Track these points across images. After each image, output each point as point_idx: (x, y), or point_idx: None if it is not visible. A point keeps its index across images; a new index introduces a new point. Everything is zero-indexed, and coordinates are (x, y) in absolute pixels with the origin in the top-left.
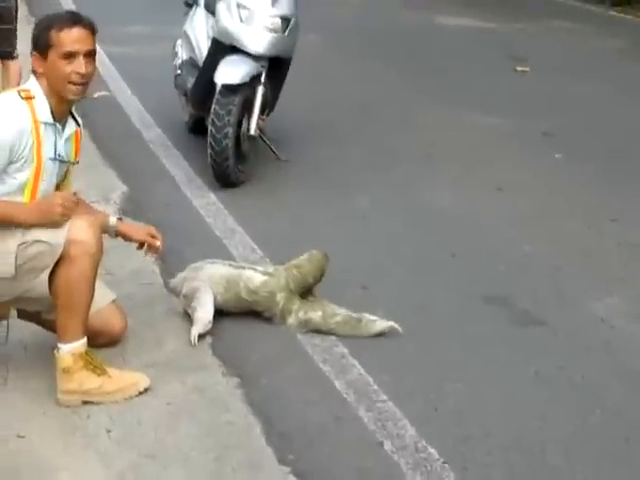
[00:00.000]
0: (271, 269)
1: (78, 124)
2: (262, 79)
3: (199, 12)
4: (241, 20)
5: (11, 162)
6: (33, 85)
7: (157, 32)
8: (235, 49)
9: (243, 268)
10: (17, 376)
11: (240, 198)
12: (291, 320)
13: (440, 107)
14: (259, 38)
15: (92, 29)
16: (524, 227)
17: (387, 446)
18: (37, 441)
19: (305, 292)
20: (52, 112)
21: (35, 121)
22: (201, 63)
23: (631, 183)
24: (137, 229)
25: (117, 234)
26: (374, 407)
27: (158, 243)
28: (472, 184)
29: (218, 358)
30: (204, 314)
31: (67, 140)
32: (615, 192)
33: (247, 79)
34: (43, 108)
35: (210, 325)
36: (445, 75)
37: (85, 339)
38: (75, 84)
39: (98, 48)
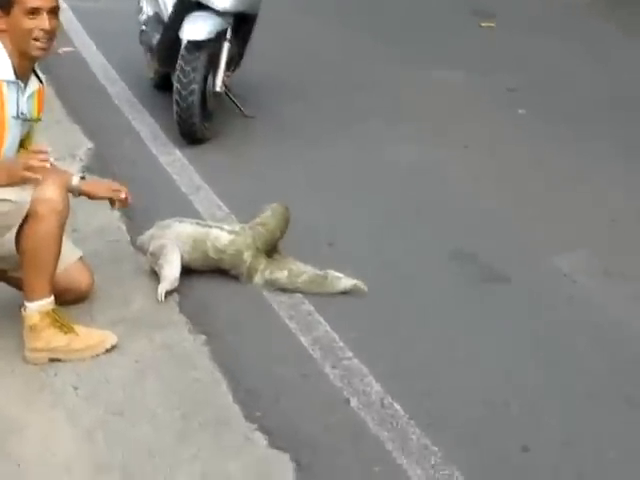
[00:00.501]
0: (237, 227)
1: (41, 81)
2: (228, 35)
3: None
4: None
5: None
6: None
7: None
8: (200, 5)
9: (210, 227)
10: None
11: (206, 155)
12: (257, 279)
13: (406, 64)
14: None
15: None
16: (489, 184)
17: (353, 403)
18: (4, 399)
19: (271, 250)
20: (14, 70)
21: None
22: (166, 19)
23: (594, 140)
24: (100, 186)
25: (80, 193)
26: (340, 364)
27: (123, 195)
28: (438, 141)
29: (185, 315)
30: (171, 271)
31: (29, 97)
32: (575, 147)
33: (212, 35)
34: (5, 66)
35: (177, 283)
36: (411, 32)
37: (52, 297)
38: (39, 40)
39: (62, 2)
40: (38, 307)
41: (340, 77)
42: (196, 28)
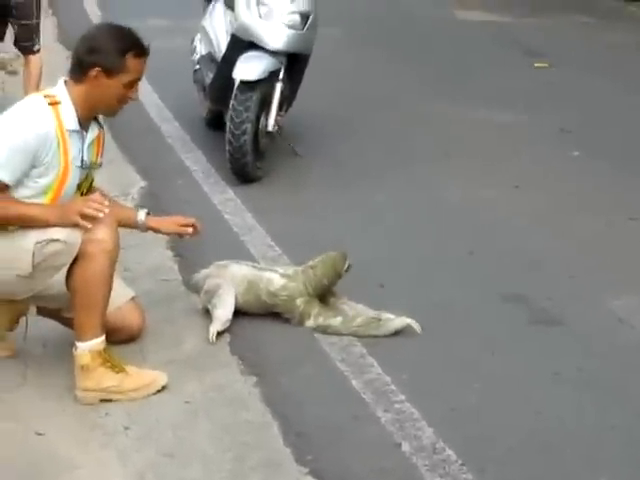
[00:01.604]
0: (290, 271)
1: (101, 126)
2: (280, 75)
3: (218, 7)
4: (260, 16)
5: (34, 167)
6: (60, 91)
7: (176, 26)
8: (254, 45)
9: (265, 270)
10: (36, 373)
11: (258, 194)
12: (309, 323)
13: (457, 103)
14: (278, 34)
15: None
16: (541, 225)
17: (405, 447)
18: (56, 439)
19: (325, 292)
20: (78, 119)
21: (61, 128)
22: (220, 58)
23: None
24: (166, 222)
25: (147, 229)
26: (392, 407)
27: (190, 230)
28: (489, 181)
29: (236, 356)
30: (224, 312)
31: (90, 144)
32: (633, 189)
33: (265, 75)
34: (69, 115)
35: (229, 323)
36: (463, 71)
37: (103, 337)
38: (122, 105)
39: None
40: (89, 347)
41: (389, 115)
42: (249, 68)
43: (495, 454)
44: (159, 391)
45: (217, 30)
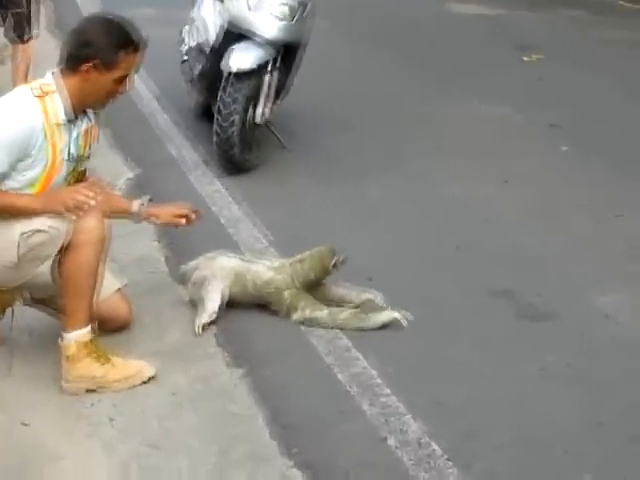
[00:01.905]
0: (277, 263)
1: (90, 120)
2: (269, 67)
3: None
4: (249, 8)
5: (20, 160)
6: (49, 83)
7: (165, 16)
8: (243, 37)
9: (252, 262)
10: (22, 363)
11: (246, 186)
12: (296, 316)
13: (448, 98)
14: (267, 25)
15: None
16: (530, 220)
17: (391, 441)
18: (41, 429)
19: (313, 286)
20: (67, 111)
21: (48, 121)
22: (208, 50)
23: (638, 178)
24: (162, 211)
25: (142, 219)
26: (377, 401)
27: (183, 221)
28: (479, 176)
29: (222, 348)
30: (210, 304)
31: (78, 137)
32: (621, 186)
33: (254, 67)
34: (58, 108)
35: (215, 315)
36: (454, 64)
37: (89, 327)
38: (113, 98)
39: None
40: (75, 337)
41: (380, 110)
42: (238, 60)
43: (481, 449)
44: (145, 382)
45: (206, 21)
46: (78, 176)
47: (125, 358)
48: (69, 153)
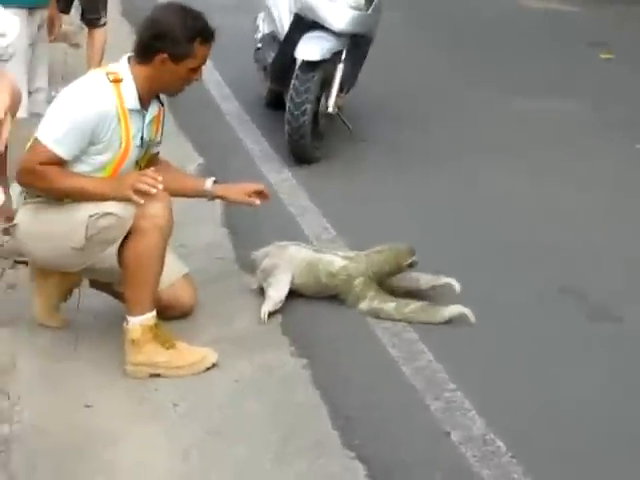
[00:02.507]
0: (352, 254)
1: (162, 104)
2: (342, 56)
3: None
4: None
5: (92, 144)
6: (123, 69)
7: (240, 4)
8: (317, 25)
9: (325, 252)
10: (86, 345)
11: (315, 176)
12: (363, 305)
13: (520, 95)
14: (341, 15)
15: None
16: (601, 219)
17: (454, 437)
18: (104, 412)
19: (384, 280)
20: (140, 98)
21: (122, 106)
22: (282, 38)
23: None
24: (234, 191)
25: (214, 197)
26: (442, 396)
27: (257, 202)
28: (549, 174)
29: (287, 337)
30: (277, 292)
31: (150, 122)
32: None
33: (327, 56)
34: (131, 94)
35: (281, 304)
36: (527, 61)
37: (154, 312)
38: (187, 85)
39: None
40: (140, 321)
41: (451, 106)
42: (311, 48)
43: (546, 448)
44: (209, 369)
45: (280, 9)
46: (149, 160)
47: (189, 344)
48: (142, 138)
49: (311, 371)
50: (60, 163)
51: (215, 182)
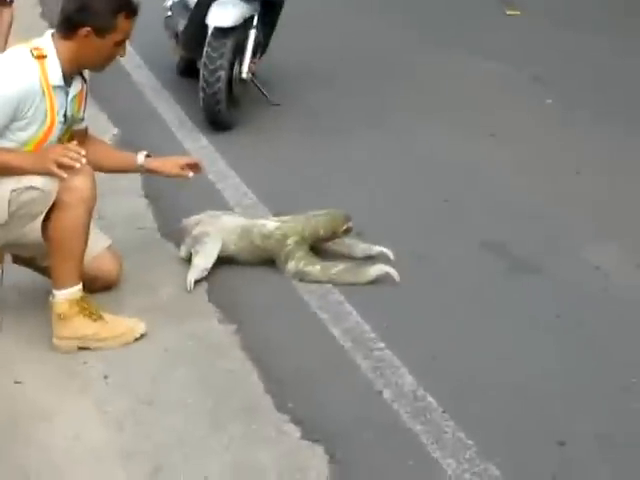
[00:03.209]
0: (288, 217)
1: (85, 81)
2: (254, 22)
3: None
4: None
5: (14, 120)
6: (47, 45)
7: None
8: None
9: (259, 218)
10: (12, 321)
11: (232, 142)
12: (290, 266)
13: (431, 54)
14: None
15: None
16: (518, 173)
17: (386, 395)
18: (34, 387)
19: (317, 244)
20: (65, 73)
21: (47, 84)
22: (192, 5)
23: (625, 132)
24: (167, 164)
25: (147, 171)
26: (371, 355)
27: (191, 173)
28: (465, 130)
29: (214, 304)
30: (203, 260)
31: (73, 99)
32: (605, 139)
33: (240, 22)
34: (55, 70)
35: (206, 272)
36: (435, 20)
37: (80, 285)
38: (112, 61)
39: None
40: (66, 295)
41: (371, 67)
42: (223, 14)
43: (476, 401)
44: (137, 339)
45: None
46: (71, 137)
47: (116, 315)
48: (65, 115)
49: (240, 337)
50: None
51: (147, 156)
